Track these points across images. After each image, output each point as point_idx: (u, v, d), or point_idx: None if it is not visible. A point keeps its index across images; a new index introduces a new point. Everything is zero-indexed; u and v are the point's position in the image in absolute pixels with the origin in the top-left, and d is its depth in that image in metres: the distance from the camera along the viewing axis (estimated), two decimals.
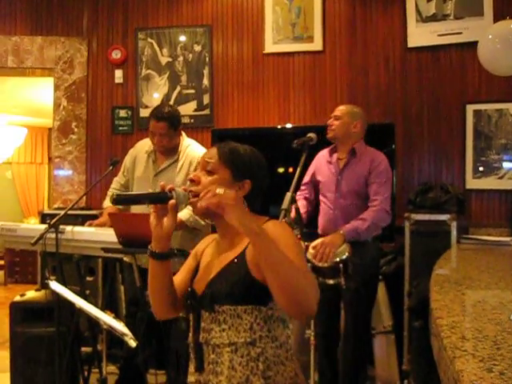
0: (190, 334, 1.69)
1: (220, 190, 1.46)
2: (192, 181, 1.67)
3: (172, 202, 1.58)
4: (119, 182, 3.74)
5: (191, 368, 1.69)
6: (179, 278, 1.77)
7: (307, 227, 3.53)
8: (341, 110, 3.53)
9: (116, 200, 1.62)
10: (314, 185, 3.66)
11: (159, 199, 1.59)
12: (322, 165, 3.60)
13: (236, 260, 1.62)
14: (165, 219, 1.60)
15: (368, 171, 3.40)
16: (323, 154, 3.64)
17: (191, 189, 1.65)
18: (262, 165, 1.76)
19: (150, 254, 1.64)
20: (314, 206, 3.67)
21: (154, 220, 1.61)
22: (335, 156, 3.55)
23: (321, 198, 3.61)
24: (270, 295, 1.56)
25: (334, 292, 3.33)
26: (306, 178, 3.68)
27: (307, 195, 3.67)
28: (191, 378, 1.67)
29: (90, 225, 3.39)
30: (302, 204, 3.52)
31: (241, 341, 1.56)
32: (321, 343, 3.55)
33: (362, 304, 3.44)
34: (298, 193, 3.66)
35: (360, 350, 3.49)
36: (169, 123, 3.42)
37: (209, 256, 1.75)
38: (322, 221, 3.55)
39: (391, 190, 3.49)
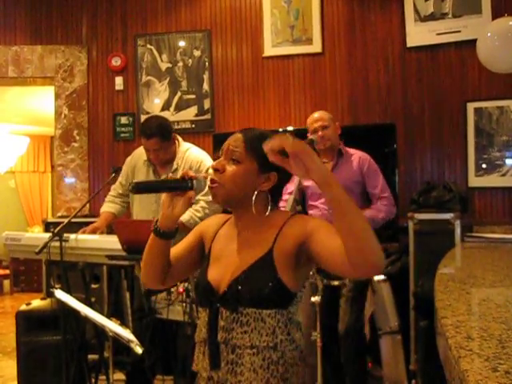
0: (203, 330, 1.64)
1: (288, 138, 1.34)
2: (216, 170, 1.60)
3: (191, 193, 1.58)
4: (117, 191, 3.73)
5: (200, 364, 1.64)
6: (175, 252, 1.73)
7: None
8: (323, 118, 3.52)
9: (135, 188, 1.58)
10: (302, 192, 3.64)
11: (178, 188, 1.58)
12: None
13: (263, 259, 1.57)
14: (179, 202, 1.58)
15: (358, 169, 3.48)
16: None
17: (215, 178, 1.59)
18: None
19: (154, 230, 1.62)
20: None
21: (167, 199, 1.60)
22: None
23: (311, 203, 3.60)
24: (291, 298, 1.57)
25: (333, 293, 3.34)
26: (291, 188, 3.66)
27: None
28: (203, 374, 1.62)
29: (84, 232, 3.38)
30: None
31: (263, 345, 1.54)
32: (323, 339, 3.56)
33: (360, 303, 3.49)
34: (282, 203, 3.65)
35: (361, 347, 3.51)
36: (160, 137, 3.37)
37: (224, 245, 1.68)
38: None
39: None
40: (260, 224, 1.62)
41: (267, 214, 1.61)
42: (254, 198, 1.59)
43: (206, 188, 3.28)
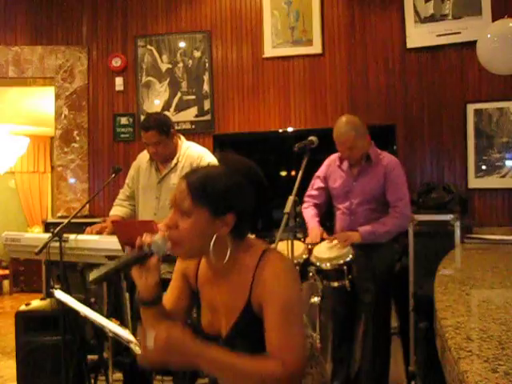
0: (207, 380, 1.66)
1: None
2: (169, 227, 1.53)
3: (154, 259, 1.52)
4: (125, 194, 3.77)
5: None
6: (168, 301, 1.70)
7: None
8: (348, 138, 3.37)
9: (92, 282, 1.50)
10: (327, 190, 3.65)
11: (140, 261, 1.53)
12: (334, 171, 3.59)
13: (245, 313, 1.56)
14: (148, 272, 1.53)
15: (383, 177, 3.40)
16: (333, 159, 3.63)
17: (170, 236, 1.53)
18: (244, 187, 1.55)
19: (139, 301, 1.59)
20: (323, 212, 3.68)
21: (136, 273, 1.54)
22: (346, 163, 3.54)
23: (335, 204, 3.61)
24: None
25: (350, 294, 3.34)
26: (318, 184, 3.67)
27: (317, 201, 3.66)
28: None
29: (92, 230, 3.40)
30: (313, 213, 3.55)
31: None
32: (336, 345, 3.57)
33: (380, 305, 3.45)
34: (307, 199, 3.66)
35: (381, 354, 3.49)
36: (158, 130, 3.43)
37: (209, 289, 1.67)
38: (339, 227, 3.56)
39: (409, 193, 3.50)
40: (233, 265, 1.58)
41: (226, 259, 1.55)
42: (211, 244, 1.52)
43: None
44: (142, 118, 5.08)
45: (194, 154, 3.56)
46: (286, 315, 1.48)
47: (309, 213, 3.61)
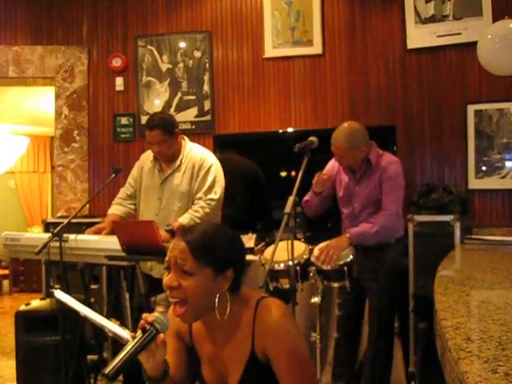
0: None
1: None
2: (172, 288, 1.53)
3: (161, 336, 1.49)
4: (125, 193, 3.77)
5: None
6: (170, 363, 1.65)
7: (315, 230, 3.54)
8: (339, 148, 3.36)
9: (111, 376, 1.48)
10: (331, 192, 3.63)
11: (149, 341, 1.49)
12: (339, 174, 3.58)
13: (250, 365, 1.58)
14: (156, 351, 1.51)
15: (381, 178, 3.39)
16: (335, 163, 3.61)
17: (173, 296, 1.54)
18: (238, 241, 1.63)
19: (146, 379, 1.57)
20: (327, 206, 3.65)
21: (144, 357, 1.51)
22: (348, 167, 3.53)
23: (340, 207, 3.60)
24: None
25: (357, 294, 3.34)
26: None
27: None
28: None
29: (88, 233, 3.40)
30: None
31: None
32: (340, 345, 3.57)
33: (385, 306, 3.45)
34: (306, 197, 3.64)
35: (383, 352, 3.49)
36: (162, 129, 3.44)
37: (207, 345, 1.67)
38: (344, 231, 3.55)
39: (403, 194, 3.45)
40: (230, 320, 1.59)
41: (226, 315, 1.57)
42: (216, 301, 1.55)
43: (206, 186, 3.25)
44: (143, 118, 5.08)
45: (197, 155, 3.57)
46: (295, 359, 1.53)
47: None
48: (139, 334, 1.49)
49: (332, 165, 3.65)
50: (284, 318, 1.57)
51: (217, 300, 1.55)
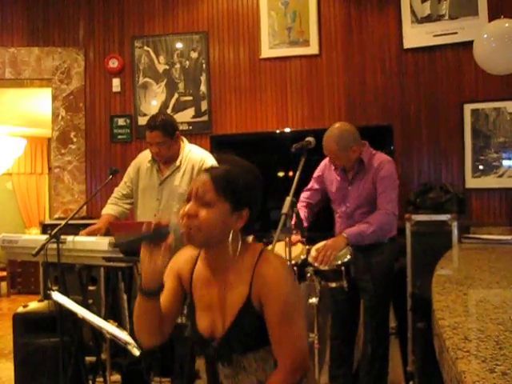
0: (204, 376, 1.67)
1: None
2: (189, 215, 1.57)
3: (170, 239, 1.55)
4: (121, 192, 3.75)
5: None
6: (163, 301, 1.68)
7: (310, 230, 3.53)
8: (330, 150, 3.36)
9: (118, 245, 1.54)
10: (323, 193, 3.64)
11: (158, 237, 1.55)
12: (330, 174, 3.58)
13: (245, 307, 1.60)
14: (158, 256, 1.55)
15: (376, 177, 3.39)
16: (328, 162, 3.61)
17: (188, 223, 1.57)
18: (259, 186, 1.68)
19: (140, 290, 1.59)
20: (314, 213, 3.67)
21: (146, 256, 1.55)
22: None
23: (333, 207, 3.61)
24: None
25: (352, 294, 3.34)
26: (313, 185, 3.66)
27: (311, 201, 3.65)
28: None
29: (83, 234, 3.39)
30: (303, 214, 3.51)
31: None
32: (336, 346, 3.58)
33: (379, 305, 3.45)
34: (301, 199, 3.65)
35: (380, 353, 3.49)
36: (163, 131, 3.43)
37: (205, 290, 1.69)
38: (338, 230, 3.55)
39: (397, 193, 3.45)
40: (233, 263, 1.63)
41: (238, 253, 1.62)
42: (230, 238, 1.60)
43: None
44: (140, 119, 5.09)
45: (197, 157, 3.56)
46: (287, 310, 1.55)
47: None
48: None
49: (324, 164, 3.65)
50: (282, 269, 1.62)
51: (231, 236, 1.59)
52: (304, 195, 3.67)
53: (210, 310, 1.66)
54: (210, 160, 3.57)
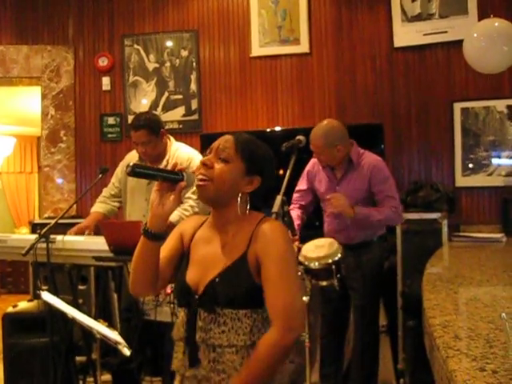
0: (181, 329, 1.67)
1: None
2: (205, 164, 1.65)
3: (183, 183, 1.59)
4: (109, 192, 3.74)
5: (180, 362, 1.67)
6: (162, 257, 1.71)
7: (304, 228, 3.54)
8: (316, 145, 3.33)
9: (132, 171, 1.55)
10: (313, 192, 3.63)
11: (173, 178, 1.59)
12: (318, 172, 3.57)
13: (238, 262, 1.61)
14: (169, 199, 1.59)
15: (368, 180, 3.36)
16: (316, 162, 3.59)
17: (203, 173, 1.63)
18: (273, 163, 1.76)
19: (143, 232, 1.61)
20: (309, 212, 3.67)
21: (157, 197, 1.60)
22: (328, 167, 3.51)
23: (322, 206, 3.60)
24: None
25: (341, 292, 3.34)
26: (302, 185, 3.65)
27: (302, 202, 3.64)
28: (183, 372, 1.66)
29: (71, 232, 3.38)
30: (296, 215, 3.51)
31: (241, 344, 1.58)
32: (326, 344, 3.58)
33: (369, 303, 3.46)
34: (293, 201, 3.64)
35: (370, 350, 3.50)
36: (148, 130, 3.42)
37: (203, 248, 1.71)
38: (326, 229, 3.55)
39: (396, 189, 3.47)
40: (236, 225, 1.67)
41: (247, 212, 1.67)
42: (239, 199, 1.65)
43: (195, 186, 3.29)
44: (130, 117, 5.06)
45: (184, 155, 3.54)
46: (283, 266, 1.58)
47: (293, 214, 3.60)
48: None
49: (312, 163, 3.64)
50: (281, 229, 1.67)
51: (239, 198, 1.65)
52: (295, 197, 3.66)
53: (203, 264, 1.68)
54: (197, 159, 3.53)
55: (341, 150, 3.34)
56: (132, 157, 3.69)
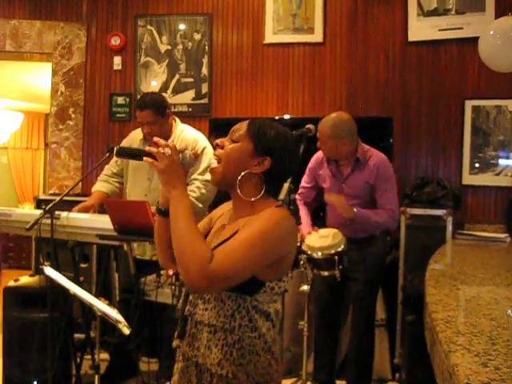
0: (180, 301, 1.72)
1: (167, 150, 1.64)
2: (217, 144, 1.69)
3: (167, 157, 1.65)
4: (111, 170, 3.74)
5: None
6: None
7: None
8: (323, 133, 3.33)
9: (118, 152, 1.62)
10: (317, 188, 3.63)
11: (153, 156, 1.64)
12: (321, 170, 3.56)
13: (229, 239, 1.59)
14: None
15: (374, 177, 3.37)
16: (321, 155, 3.57)
17: (215, 153, 1.69)
18: (288, 147, 1.70)
19: (157, 211, 1.69)
20: (313, 208, 3.68)
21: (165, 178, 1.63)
22: (334, 163, 3.49)
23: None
24: (258, 286, 1.57)
25: (338, 284, 3.34)
26: (306, 182, 3.65)
27: (307, 199, 3.65)
28: (175, 342, 1.71)
29: (75, 210, 3.38)
30: (304, 212, 3.54)
31: (219, 325, 1.58)
32: (320, 334, 3.59)
33: (369, 296, 3.47)
34: (298, 196, 3.64)
35: (366, 342, 3.51)
36: (153, 109, 3.41)
37: (215, 229, 1.75)
38: (329, 221, 3.55)
39: (397, 191, 3.49)
40: (248, 209, 1.65)
41: (254, 199, 1.64)
42: (239, 177, 1.63)
43: (202, 167, 3.32)
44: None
45: (190, 137, 3.54)
46: (251, 235, 1.51)
47: (302, 211, 3.60)
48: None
49: (314, 160, 3.62)
50: (278, 213, 1.60)
51: (241, 176, 1.63)
52: (300, 192, 3.66)
53: (211, 239, 1.71)
54: (203, 141, 3.54)
55: (346, 143, 3.33)
56: (136, 134, 3.69)
